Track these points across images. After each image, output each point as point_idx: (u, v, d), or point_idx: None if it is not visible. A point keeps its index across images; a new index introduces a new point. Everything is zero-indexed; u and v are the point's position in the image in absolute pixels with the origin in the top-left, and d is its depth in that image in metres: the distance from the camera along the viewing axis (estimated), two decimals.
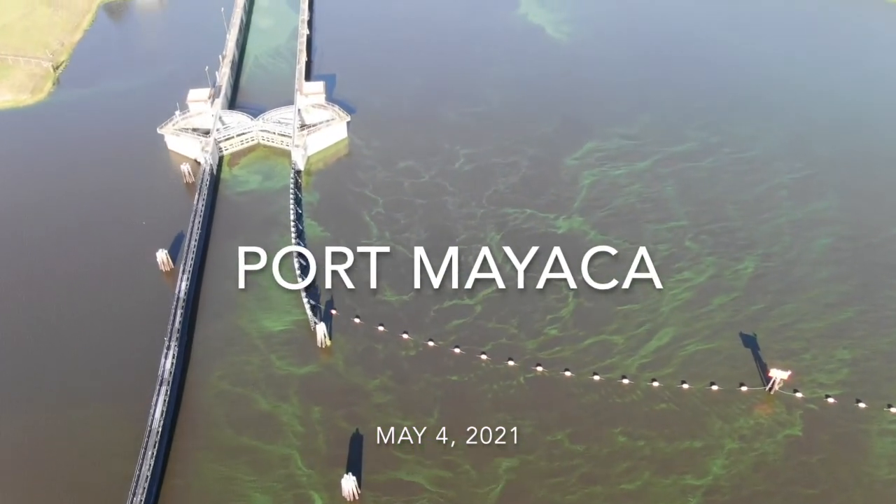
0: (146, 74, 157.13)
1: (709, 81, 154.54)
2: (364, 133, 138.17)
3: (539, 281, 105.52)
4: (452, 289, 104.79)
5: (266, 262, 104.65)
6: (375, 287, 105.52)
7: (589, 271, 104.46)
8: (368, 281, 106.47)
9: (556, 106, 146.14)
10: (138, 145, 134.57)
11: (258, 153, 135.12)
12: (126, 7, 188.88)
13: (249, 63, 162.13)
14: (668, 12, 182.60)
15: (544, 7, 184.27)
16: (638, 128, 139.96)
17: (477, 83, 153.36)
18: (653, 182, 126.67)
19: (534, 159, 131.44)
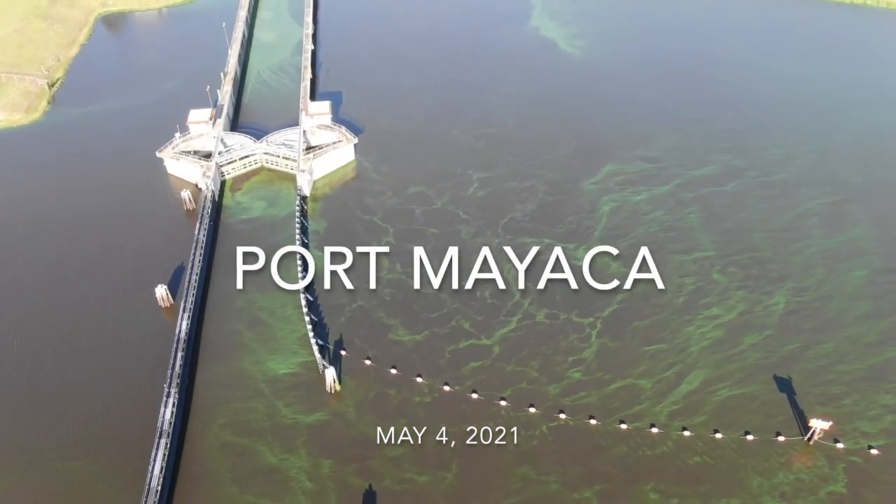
0: (145, 92, 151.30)
1: (729, 100, 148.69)
2: (372, 155, 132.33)
3: (560, 318, 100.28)
4: (469, 329, 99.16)
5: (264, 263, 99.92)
6: (387, 324, 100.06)
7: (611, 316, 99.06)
8: (380, 318, 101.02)
9: (573, 126, 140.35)
10: (136, 169, 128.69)
11: (262, 177, 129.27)
12: (124, 20, 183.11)
13: (252, 80, 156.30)
14: (683, 27, 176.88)
15: (556, 21, 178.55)
16: (658, 149, 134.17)
17: (489, 101, 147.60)
18: (676, 208, 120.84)
19: (551, 183, 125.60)
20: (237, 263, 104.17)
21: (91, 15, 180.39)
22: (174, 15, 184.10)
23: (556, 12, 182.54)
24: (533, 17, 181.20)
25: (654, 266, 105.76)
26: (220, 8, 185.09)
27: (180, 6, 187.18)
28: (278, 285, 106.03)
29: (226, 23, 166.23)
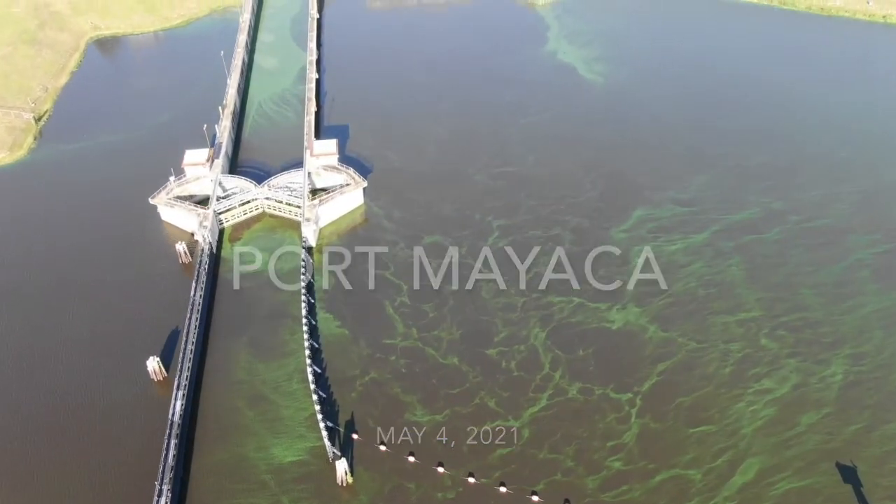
0: (139, 125, 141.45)
1: (763, 131, 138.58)
2: (383, 199, 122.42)
3: (595, 394, 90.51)
4: (494, 408, 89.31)
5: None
6: (403, 401, 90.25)
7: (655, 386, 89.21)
8: (395, 394, 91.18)
9: (597, 162, 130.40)
10: (128, 216, 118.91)
11: (264, 224, 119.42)
12: (117, 44, 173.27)
13: (252, 112, 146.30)
14: (705, 49, 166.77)
15: (573, 43, 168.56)
16: (692, 191, 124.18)
17: (507, 135, 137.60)
18: (715, 260, 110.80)
19: (577, 231, 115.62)
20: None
21: (82, 39, 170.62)
22: (170, 39, 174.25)
23: (573, 33, 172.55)
24: (549, 38, 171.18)
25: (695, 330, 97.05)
26: (219, 30, 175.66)
27: (176, 29, 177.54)
28: (283, 352, 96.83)
29: (224, 50, 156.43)
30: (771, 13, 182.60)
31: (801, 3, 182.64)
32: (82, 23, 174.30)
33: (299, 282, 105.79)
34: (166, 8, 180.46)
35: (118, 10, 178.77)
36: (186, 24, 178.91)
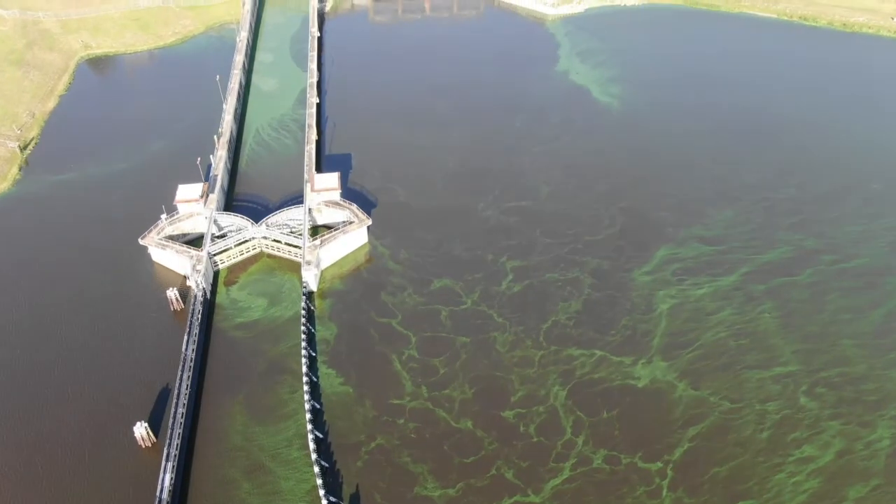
0: (130, 154, 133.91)
1: (790, 162, 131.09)
2: (389, 237, 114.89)
3: (622, 463, 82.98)
4: (512, 480, 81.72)
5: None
6: (412, 472, 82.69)
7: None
8: (404, 463, 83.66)
9: (616, 196, 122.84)
10: (117, 256, 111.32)
11: (261, 266, 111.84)
12: (109, 64, 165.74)
13: (250, 139, 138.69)
14: (727, 71, 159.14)
15: (586, 63, 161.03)
16: (718, 227, 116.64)
17: (519, 166, 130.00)
18: (745, 306, 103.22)
19: (597, 274, 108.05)
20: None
21: (72, 59, 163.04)
22: (163, 58, 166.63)
23: (585, 52, 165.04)
24: (560, 58, 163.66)
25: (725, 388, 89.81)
26: (215, 49, 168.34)
27: (170, 47, 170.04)
28: (282, 413, 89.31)
29: (220, 72, 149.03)
30: (791, 29, 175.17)
31: (823, 19, 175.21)
32: (72, 41, 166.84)
33: (300, 332, 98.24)
34: (160, 26, 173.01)
35: (110, 27, 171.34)
36: (181, 42, 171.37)
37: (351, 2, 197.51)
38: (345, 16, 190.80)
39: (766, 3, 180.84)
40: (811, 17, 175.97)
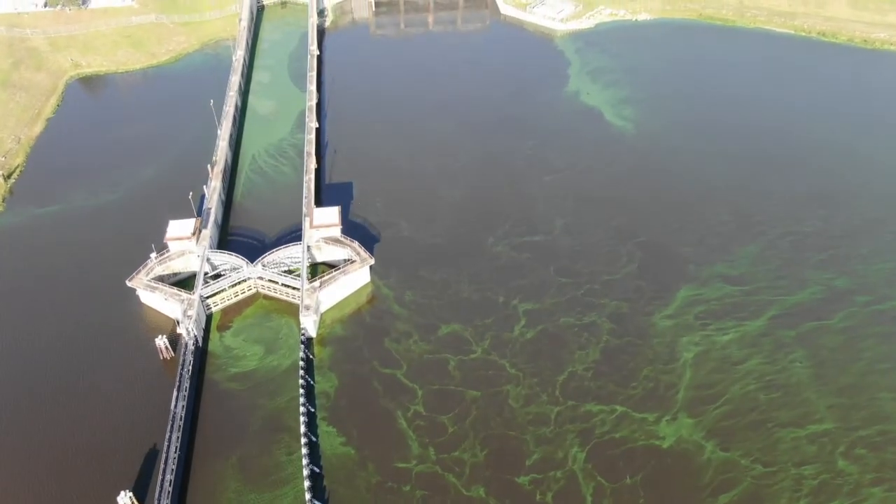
0: (119, 183, 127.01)
1: (816, 191, 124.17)
2: (392, 277, 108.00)
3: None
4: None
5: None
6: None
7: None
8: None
9: (633, 230, 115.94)
10: (104, 298, 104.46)
11: (257, 308, 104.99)
12: (99, 84, 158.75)
13: (245, 167, 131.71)
14: (746, 90, 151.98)
15: (597, 82, 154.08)
16: (742, 264, 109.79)
17: (529, 196, 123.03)
18: (775, 354, 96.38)
19: (615, 318, 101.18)
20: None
21: (61, 79, 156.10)
22: (157, 77, 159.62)
23: (597, 71, 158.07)
24: (571, 77, 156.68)
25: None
26: (211, 67, 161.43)
27: (164, 66, 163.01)
28: (278, 478, 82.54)
29: (216, 92, 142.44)
30: (810, 45, 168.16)
31: (842, 35, 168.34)
32: (62, 60, 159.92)
33: (298, 384, 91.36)
34: (153, 43, 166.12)
35: (101, 45, 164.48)
36: (175, 60, 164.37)
37: (352, 16, 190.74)
38: (345, 30, 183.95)
39: (782, 18, 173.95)
40: (830, 32, 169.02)
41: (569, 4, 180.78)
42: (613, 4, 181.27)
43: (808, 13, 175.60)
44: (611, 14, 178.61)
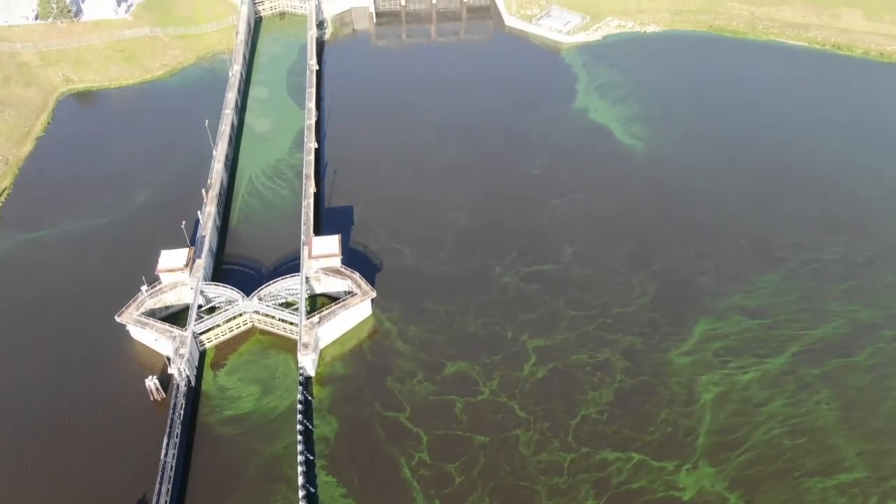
0: (111, 206, 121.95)
1: (836, 214, 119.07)
2: (395, 309, 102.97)
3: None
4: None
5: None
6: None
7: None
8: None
9: (646, 257, 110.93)
10: (92, 332, 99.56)
11: (253, 344, 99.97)
12: (92, 100, 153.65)
13: (242, 190, 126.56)
14: (760, 106, 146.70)
15: (606, 98, 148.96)
16: (761, 295, 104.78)
17: (537, 221, 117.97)
18: (799, 395, 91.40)
19: (630, 355, 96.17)
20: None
21: (52, 95, 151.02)
22: (151, 93, 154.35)
23: (605, 86, 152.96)
24: (579, 92, 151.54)
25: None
26: (207, 83, 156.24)
27: (158, 81, 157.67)
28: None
29: (212, 109, 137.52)
30: (825, 58, 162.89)
31: (857, 48, 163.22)
32: (52, 75, 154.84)
33: (295, 429, 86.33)
34: (147, 57, 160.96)
35: (93, 59, 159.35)
36: (170, 75, 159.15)
37: (352, 27, 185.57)
38: (345, 42, 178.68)
39: (795, 30, 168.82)
40: (845, 45, 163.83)
41: (575, 16, 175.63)
42: (621, 16, 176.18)
43: (822, 25, 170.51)
44: (618, 26, 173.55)
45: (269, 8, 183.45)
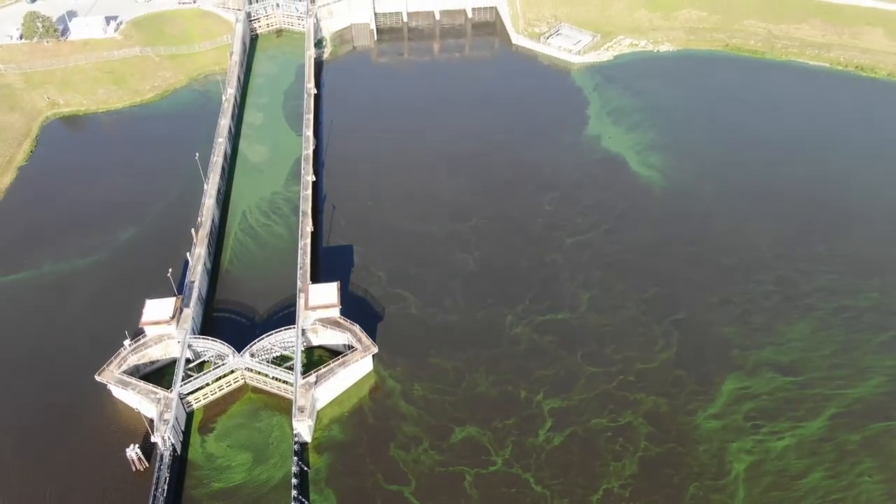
0: (94, 245, 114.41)
1: (867, 255, 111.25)
2: (399, 365, 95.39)
3: None
4: None
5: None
6: None
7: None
8: None
9: (667, 305, 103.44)
10: (69, 388, 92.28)
11: (245, 403, 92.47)
12: (78, 126, 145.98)
13: (234, 227, 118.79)
14: (781, 133, 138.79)
15: (620, 124, 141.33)
16: (793, 348, 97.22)
17: (551, 265, 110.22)
18: (839, 465, 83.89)
19: (654, 419, 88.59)
20: None
21: (36, 120, 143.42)
22: (140, 117, 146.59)
23: (618, 111, 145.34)
24: (590, 117, 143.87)
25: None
26: (199, 106, 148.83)
27: (149, 104, 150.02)
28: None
29: (202, 144, 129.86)
30: (847, 80, 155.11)
31: (882, 70, 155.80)
32: (37, 98, 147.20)
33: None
34: (137, 79, 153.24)
35: (80, 81, 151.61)
36: (161, 97, 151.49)
37: (352, 44, 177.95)
38: (345, 61, 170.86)
39: (816, 50, 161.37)
40: (868, 66, 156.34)
41: (586, 34, 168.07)
42: (633, 34, 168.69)
43: (844, 44, 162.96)
44: (631, 45, 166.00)
45: (266, 25, 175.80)
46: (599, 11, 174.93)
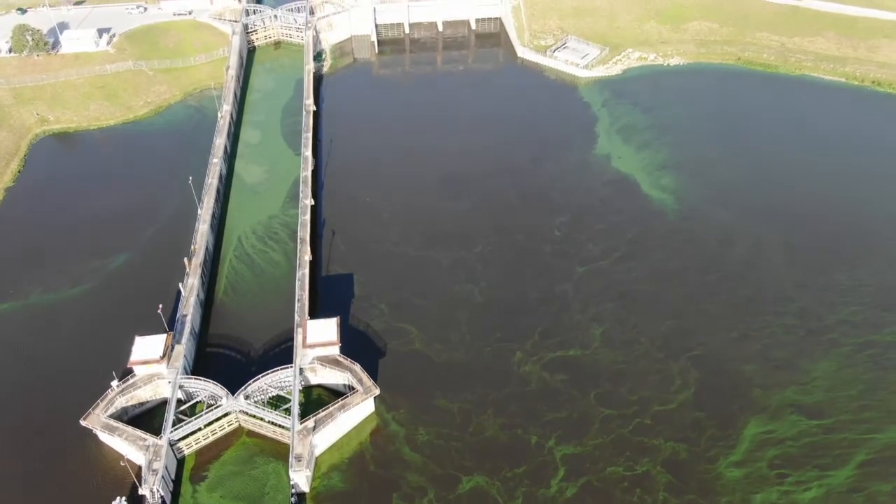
0: (83, 273, 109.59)
1: (893, 287, 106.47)
2: (402, 408, 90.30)
3: None
4: None
5: None
6: None
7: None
8: None
9: (684, 341, 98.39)
10: (53, 435, 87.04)
11: (240, 448, 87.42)
12: (68, 143, 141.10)
13: (229, 254, 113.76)
14: (797, 152, 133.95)
15: (629, 143, 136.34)
16: (817, 388, 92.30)
17: (561, 296, 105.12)
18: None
19: (673, 467, 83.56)
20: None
21: (25, 138, 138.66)
22: (133, 135, 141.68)
23: (628, 128, 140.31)
24: (599, 135, 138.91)
25: None
26: (194, 122, 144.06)
27: (142, 120, 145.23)
28: None
29: (197, 163, 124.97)
30: (864, 96, 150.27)
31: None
32: (26, 115, 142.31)
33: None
34: (130, 94, 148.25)
35: (71, 97, 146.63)
36: (154, 114, 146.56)
37: (352, 56, 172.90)
38: (346, 75, 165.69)
39: (831, 64, 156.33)
40: (886, 81, 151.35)
41: (593, 48, 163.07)
42: (642, 47, 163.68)
43: (859, 58, 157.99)
44: (640, 58, 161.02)
45: (264, 37, 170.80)
46: (607, 23, 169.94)
